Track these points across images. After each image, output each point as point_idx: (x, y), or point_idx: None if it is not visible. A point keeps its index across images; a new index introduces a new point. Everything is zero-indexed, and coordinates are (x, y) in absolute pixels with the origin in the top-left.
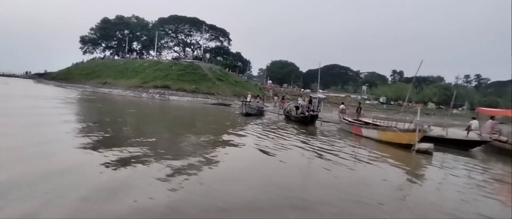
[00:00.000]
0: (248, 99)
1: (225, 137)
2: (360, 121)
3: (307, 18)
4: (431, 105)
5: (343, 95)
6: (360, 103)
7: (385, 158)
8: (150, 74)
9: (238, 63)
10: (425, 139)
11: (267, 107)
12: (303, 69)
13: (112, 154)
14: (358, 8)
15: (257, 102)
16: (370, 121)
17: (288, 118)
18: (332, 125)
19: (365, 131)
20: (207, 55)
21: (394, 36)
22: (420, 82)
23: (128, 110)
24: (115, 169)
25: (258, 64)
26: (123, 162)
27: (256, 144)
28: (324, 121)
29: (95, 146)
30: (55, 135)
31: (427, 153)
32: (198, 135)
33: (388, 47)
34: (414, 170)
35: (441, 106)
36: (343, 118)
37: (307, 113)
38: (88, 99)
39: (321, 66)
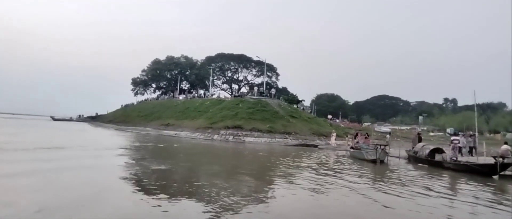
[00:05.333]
0: (333, 140)
1: None
2: None
3: (347, 47)
4: (509, 135)
5: (407, 128)
6: None
7: None
8: (216, 114)
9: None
10: None
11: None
12: (349, 100)
13: None
14: (402, 37)
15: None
16: None
17: (429, 163)
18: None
19: None
20: (273, 91)
21: (441, 63)
22: (485, 110)
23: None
24: None
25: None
26: None
27: None
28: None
29: None
30: None
31: None
32: None
33: (436, 74)
34: None
35: None
36: None
37: (496, 159)
38: (179, 148)
39: (369, 97)
